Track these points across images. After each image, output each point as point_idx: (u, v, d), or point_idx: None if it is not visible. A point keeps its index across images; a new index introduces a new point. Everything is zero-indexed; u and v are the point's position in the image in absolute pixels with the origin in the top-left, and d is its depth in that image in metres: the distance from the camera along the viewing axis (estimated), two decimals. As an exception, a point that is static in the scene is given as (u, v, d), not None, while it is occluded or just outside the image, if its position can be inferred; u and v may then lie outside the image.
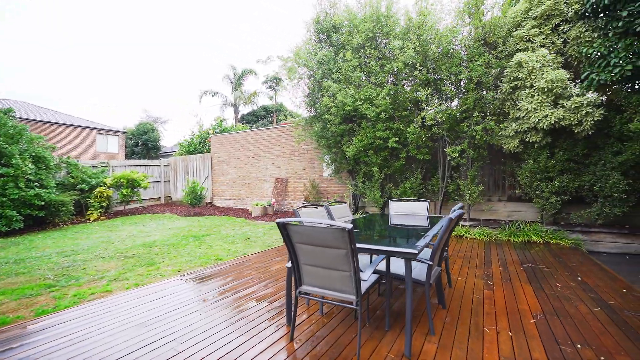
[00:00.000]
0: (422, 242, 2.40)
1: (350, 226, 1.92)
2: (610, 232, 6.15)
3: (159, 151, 28.39)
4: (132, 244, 6.54)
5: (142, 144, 27.18)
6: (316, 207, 3.79)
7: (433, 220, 4.01)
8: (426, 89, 6.76)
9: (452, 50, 6.94)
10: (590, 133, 5.58)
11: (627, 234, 6.07)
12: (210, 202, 13.79)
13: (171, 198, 15.22)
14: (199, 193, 11.85)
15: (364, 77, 7.67)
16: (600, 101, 5.33)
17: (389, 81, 7.55)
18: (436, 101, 6.99)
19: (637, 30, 4.72)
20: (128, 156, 26.89)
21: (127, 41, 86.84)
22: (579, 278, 3.98)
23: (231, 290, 3.70)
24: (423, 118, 7.00)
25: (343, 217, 4.11)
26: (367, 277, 2.15)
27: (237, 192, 13.02)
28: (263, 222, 9.32)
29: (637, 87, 5.59)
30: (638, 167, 5.68)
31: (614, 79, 4.98)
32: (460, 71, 6.58)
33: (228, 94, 28.06)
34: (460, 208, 3.34)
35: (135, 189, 11.92)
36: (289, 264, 2.55)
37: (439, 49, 6.77)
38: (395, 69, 7.05)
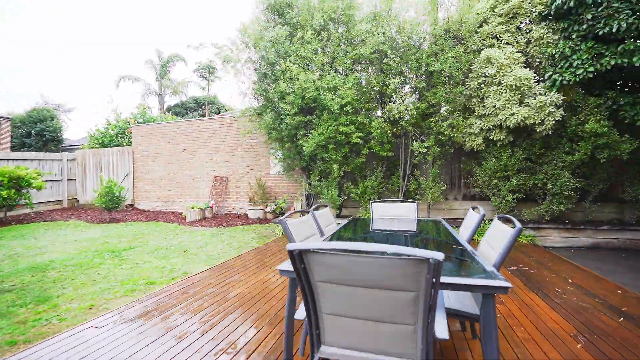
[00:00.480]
0: (491, 267, 1.69)
1: (441, 256, 1.09)
2: (557, 227, 6.48)
3: (62, 144, 23.46)
4: (12, 268, 4.65)
5: (37, 134, 22.12)
6: (295, 215, 2.86)
7: (425, 224, 3.42)
8: (398, 77, 6.26)
9: (415, 43, 6.59)
10: (550, 133, 5.70)
11: (569, 229, 6.46)
12: (132, 205, 11.52)
13: (78, 201, 12.36)
14: (116, 194, 9.61)
15: (325, 63, 6.87)
16: (560, 101, 5.45)
17: (354, 69, 6.90)
18: (402, 94, 6.57)
19: (599, 34, 4.86)
20: (17, 148, 21.63)
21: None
22: (570, 280, 3.81)
23: (181, 339, 2.53)
24: (390, 111, 6.51)
25: (328, 225, 3.25)
26: (446, 335, 1.34)
27: (166, 192, 11.08)
28: (202, 229, 7.88)
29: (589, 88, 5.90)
30: (584, 167, 6.04)
31: (577, 79, 5.09)
32: (429, 63, 6.25)
33: (152, 81, 24.66)
34: (476, 212, 2.77)
35: (24, 190, 9.18)
36: (301, 315, 1.60)
37: (406, 39, 6.35)
38: (363, 53, 6.39)
